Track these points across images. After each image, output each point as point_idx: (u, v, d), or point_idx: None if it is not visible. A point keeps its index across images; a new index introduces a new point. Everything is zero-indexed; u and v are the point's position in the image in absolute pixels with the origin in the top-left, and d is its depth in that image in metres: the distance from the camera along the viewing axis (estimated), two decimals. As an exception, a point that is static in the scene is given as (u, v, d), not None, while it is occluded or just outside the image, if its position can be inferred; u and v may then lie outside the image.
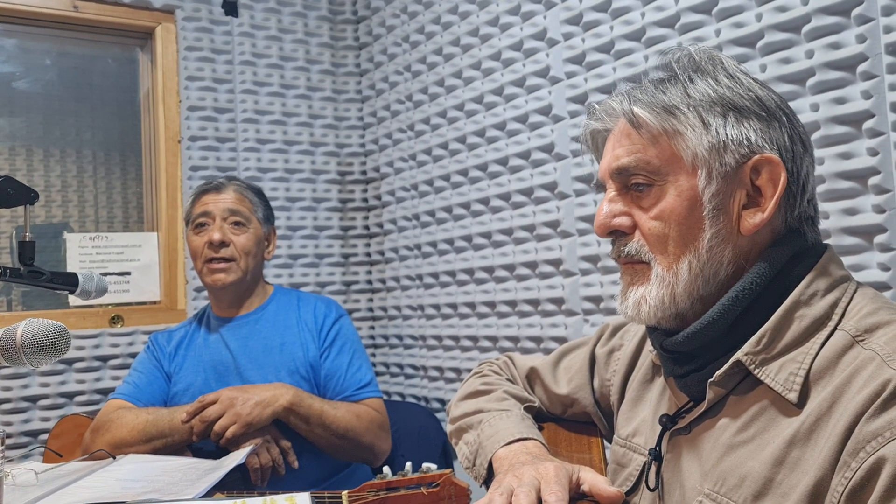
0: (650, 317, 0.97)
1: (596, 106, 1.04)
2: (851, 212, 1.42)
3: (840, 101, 1.43)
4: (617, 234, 1.00)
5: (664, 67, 1.02)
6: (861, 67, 1.39)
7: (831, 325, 0.88)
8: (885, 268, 1.37)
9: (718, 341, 0.93)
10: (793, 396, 0.86)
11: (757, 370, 0.89)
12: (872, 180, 1.38)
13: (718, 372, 0.92)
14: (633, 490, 1.08)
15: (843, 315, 0.89)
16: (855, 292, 0.92)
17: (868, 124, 1.38)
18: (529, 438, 1.15)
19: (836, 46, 1.44)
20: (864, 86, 1.39)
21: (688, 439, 0.98)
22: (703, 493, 0.92)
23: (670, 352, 1.00)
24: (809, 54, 1.48)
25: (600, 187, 1.05)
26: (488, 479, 1.14)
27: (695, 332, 0.94)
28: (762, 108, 0.94)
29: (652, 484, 1.02)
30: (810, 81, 1.48)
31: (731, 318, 0.92)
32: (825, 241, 0.99)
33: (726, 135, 0.92)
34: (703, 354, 0.95)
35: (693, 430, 0.98)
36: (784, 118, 0.95)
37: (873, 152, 1.38)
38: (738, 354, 0.90)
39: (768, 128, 0.93)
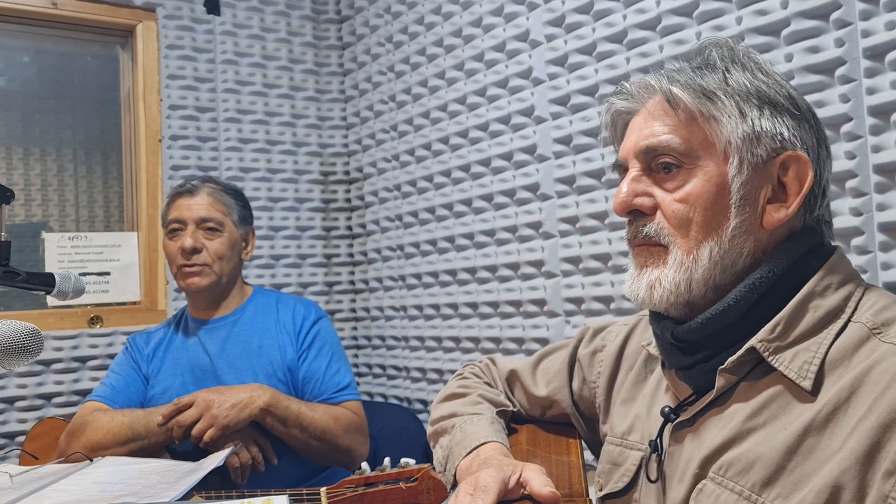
0: (662, 300, 0.96)
1: (627, 84, 1.03)
2: (829, 215, 1.42)
3: (819, 104, 1.43)
4: (636, 214, 0.99)
5: (700, 53, 1.01)
6: (839, 71, 1.40)
7: (845, 317, 0.89)
8: (862, 271, 1.38)
9: (730, 330, 0.93)
10: (807, 384, 0.86)
11: (771, 357, 0.89)
12: (850, 183, 1.39)
13: (731, 358, 0.92)
14: (632, 486, 1.08)
15: (855, 308, 0.90)
16: (866, 289, 0.93)
17: (846, 128, 1.39)
18: (488, 442, 1.14)
19: (814, 50, 1.45)
20: (842, 89, 1.40)
21: (692, 430, 0.98)
22: (707, 478, 0.91)
23: (680, 341, 0.99)
24: (789, 57, 1.49)
25: (619, 168, 1.04)
26: (455, 486, 1.14)
27: (710, 318, 0.93)
28: (795, 107, 0.95)
29: (653, 476, 1.01)
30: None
31: (746, 306, 0.92)
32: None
33: (761, 126, 0.93)
34: (713, 344, 0.95)
35: (697, 421, 0.97)
36: (813, 121, 0.97)
37: (851, 156, 1.38)
38: (753, 341, 0.90)
39: (799, 127, 0.95)
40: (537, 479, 0.99)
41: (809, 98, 1.43)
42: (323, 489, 1.47)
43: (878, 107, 1.35)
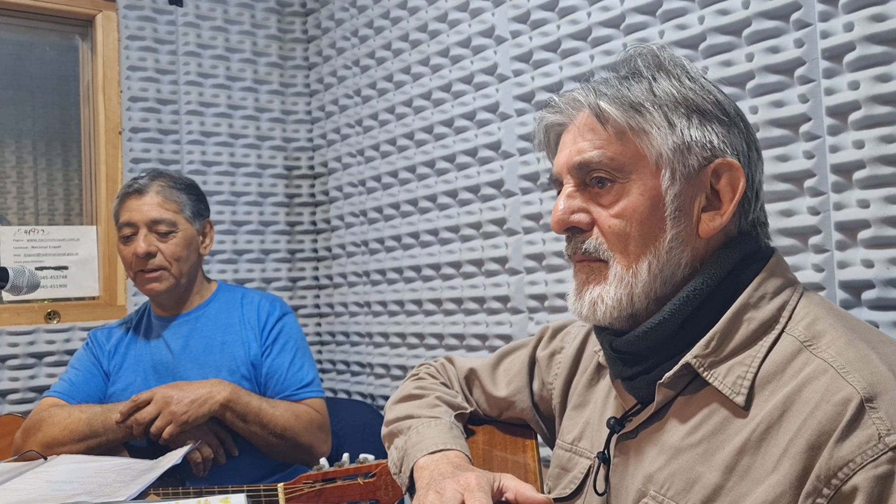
0: (606, 317, 0.95)
1: (556, 98, 1.02)
2: (787, 213, 1.44)
3: (778, 104, 1.45)
4: (574, 231, 0.98)
5: (627, 63, 1.00)
6: (798, 71, 1.42)
7: (779, 328, 0.89)
8: (819, 269, 1.40)
9: (668, 342, 0.93)
10: (740, 400, 0.86)
11: (706, 373, 0.89)
12: (808, 183, 1.41)
13: (667, 374, 0.92)
14: (577, 494, 1.08)
15: (790, 318, 0.90)
16: (801, 296, 0.93)
17: (805, 128, 1.41)
18: (452, 449, 1.13)
19: (775, 50, 1.46)
20: (801, 89, 1.41)
21: (635, 442, 0.98)
22: (648, 496, 0.91)
23: (620, 352, 0.99)
24: (749, 57, 1.50)
25: (555, 182, 1.03)
26: (411, 487, 1.12)
27: (646, 332, 0.93)
28: (724, 112, 0.95)
29: (601, 488, 1.01)
30: (750, 84, 1.50)
31: (681, 318, 0.92)
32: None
33: (691, 136, 0.92)
34: (652, 356, 0.95)
35: (641, 433, 0.97)
36: (742, 124, 0.97)
37: (809, 155, 1.40)
38: (688, 357, 0.90)
39: (729, 133, 0.94)
40: (522, 486, 0.99)
41: (769, 98, 1.46)
42: (280, 485, 1.46)
43: (835, 107, 1.36)
